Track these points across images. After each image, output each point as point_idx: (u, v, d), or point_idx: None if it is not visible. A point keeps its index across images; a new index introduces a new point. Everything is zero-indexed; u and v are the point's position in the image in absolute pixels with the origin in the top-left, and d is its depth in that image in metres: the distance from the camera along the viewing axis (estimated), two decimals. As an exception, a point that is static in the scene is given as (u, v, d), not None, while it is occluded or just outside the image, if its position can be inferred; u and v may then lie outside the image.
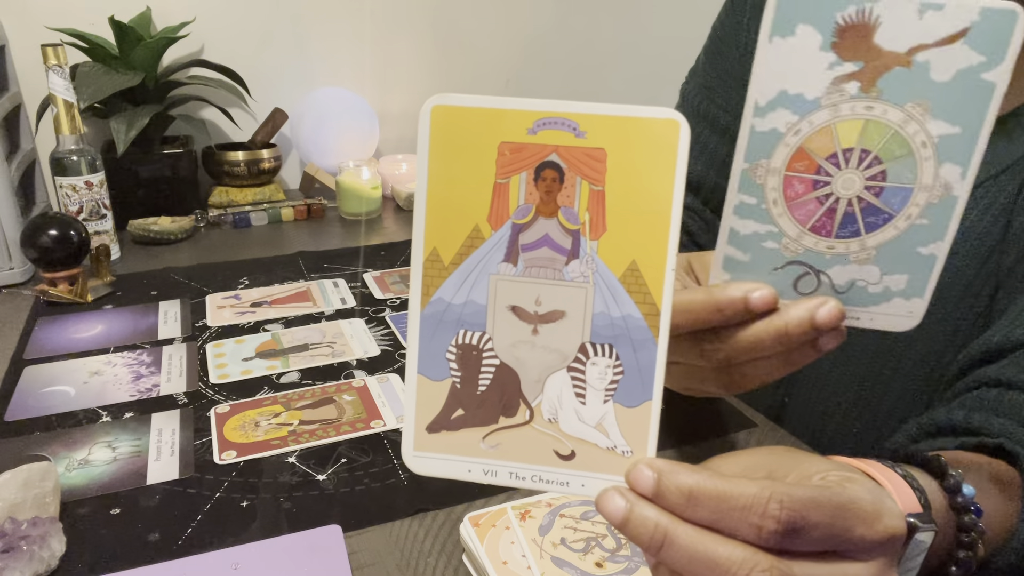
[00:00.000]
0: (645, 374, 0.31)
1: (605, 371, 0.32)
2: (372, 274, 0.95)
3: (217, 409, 0.66)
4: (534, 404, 0.32)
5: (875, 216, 0.34)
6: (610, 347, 0.32)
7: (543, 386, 0.32)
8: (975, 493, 0.38)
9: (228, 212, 1.15)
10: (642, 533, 0.28)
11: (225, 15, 1.24)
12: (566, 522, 0.49)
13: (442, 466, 0.33)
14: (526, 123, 0.31)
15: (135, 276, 0.94)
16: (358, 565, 0.49)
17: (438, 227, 0.32)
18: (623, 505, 0.29)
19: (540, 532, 0.49)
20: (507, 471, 0.33)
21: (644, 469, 0.29)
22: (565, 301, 0.32)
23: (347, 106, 1.31)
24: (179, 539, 0.51)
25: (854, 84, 0.32)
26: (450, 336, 0.33)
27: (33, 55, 0.97)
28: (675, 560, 0.28)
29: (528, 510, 0.50)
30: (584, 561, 0.46)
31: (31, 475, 0.53)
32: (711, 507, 0.28)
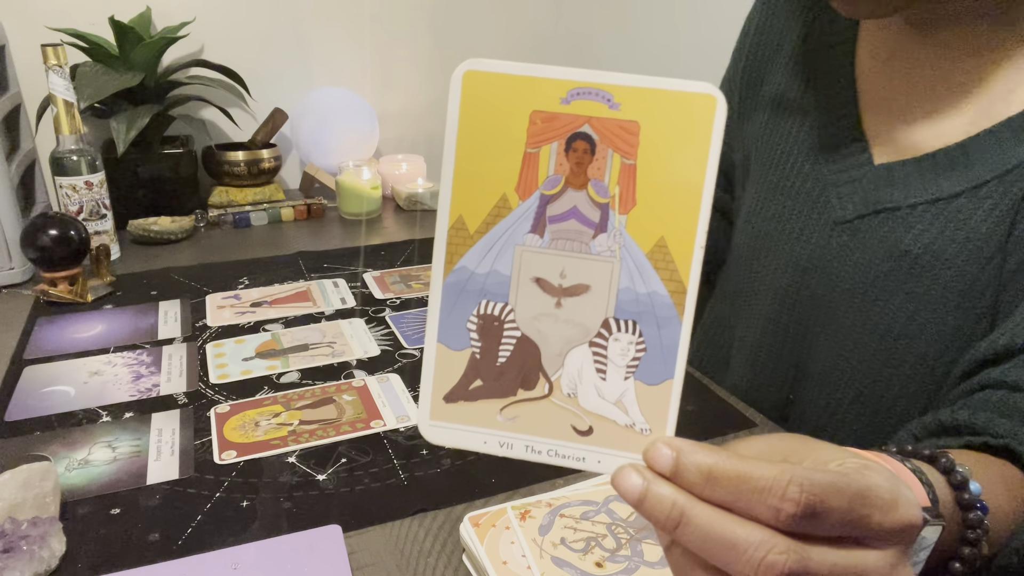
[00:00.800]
0: (668, 352, 0.31)
1: (628, 347, 0.31)
2: (372, 274, 0.95)
3: (217, 409, 0.66)
4: (554, 378, 0.32)
5: None
6: (634, 323, 0.31)
7: (564, 360, 0.32)
8: (982, 490, 0.38)
9: (228, 212, 1.15)
10: (659, 511, 0.28)
11: (225, 15, 1.24)
12: (566, 522, 0.49)
13: (458, 436, 0.33)
14: (559, 92, 0.31)
15: (135, 276, 0.94)
16: (358, 565, 0.49)
17: (465, 194, 0.32)
18: (639, 483, 0.29)
19: (540, 532, 0.49)
20: (523, 444, 0.32)
21: (662, 447, 0.29)
22: (590, 275, 0.31)
23: (347, 106, 1.31)
24: (179, 539, 0.51)
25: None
26: (472, 306, 0.32)
27: (33, 55, 0.97)
28: (691, 539, 0.28)
29: (528, 510, 0.50)
30: (584, 561, 0.46)
31: (31, 475, 0.53)
32: (730, 488, 0.28)
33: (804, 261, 0.64)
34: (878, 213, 0.58)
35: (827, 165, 0.63)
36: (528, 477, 0.57)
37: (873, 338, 0.59)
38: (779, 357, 0.68)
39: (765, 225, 0.68)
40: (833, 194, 0.62)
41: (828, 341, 0.63)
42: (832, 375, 0.63)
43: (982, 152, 0.54)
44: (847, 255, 0.60)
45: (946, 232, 0.54)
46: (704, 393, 0.70)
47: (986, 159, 0.54)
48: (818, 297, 0.63)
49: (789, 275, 0.65)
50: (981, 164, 0.54)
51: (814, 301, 0.63)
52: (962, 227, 0.54)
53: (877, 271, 0.58)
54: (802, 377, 0.66)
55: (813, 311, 0.64)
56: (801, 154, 0.65)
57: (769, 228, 0.67)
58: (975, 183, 0.54)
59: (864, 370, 0.60)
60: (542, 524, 0.49)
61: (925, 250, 0.55)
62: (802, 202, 0.64)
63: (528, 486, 0.56)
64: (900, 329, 0.57)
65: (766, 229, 0.68)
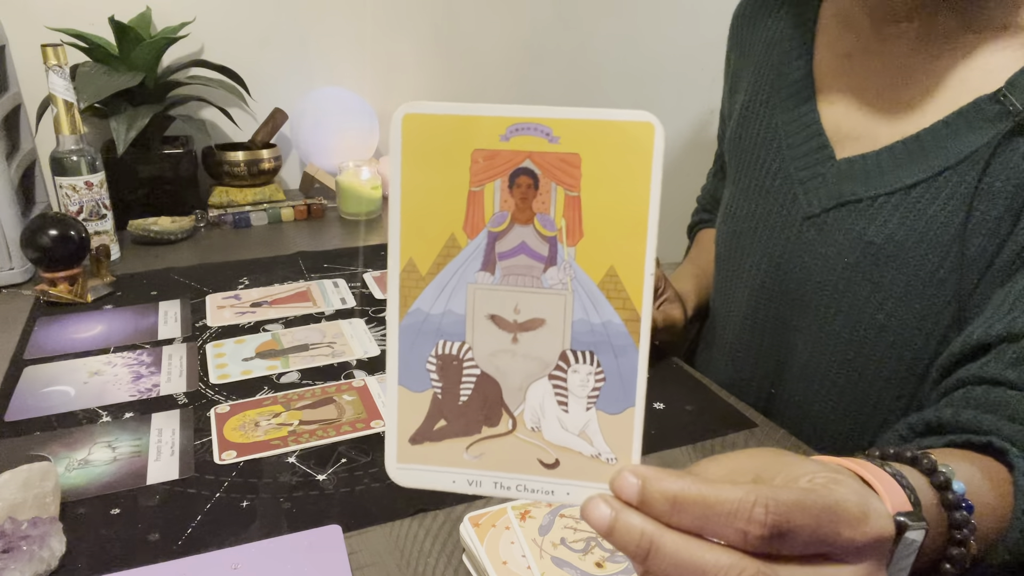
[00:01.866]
0: (627, 380, 0.31)
1: (587, 378, 0.32)
2: (372, 274, 0.95)
3: (217, 409, 0.66)
4: (516, 413, 0.32)
5: None
6: (591, 354, 0.31)
7: (525, 394, 0.32)
8: (965, 489, 0.38)
9: (228, 212, 1.15)
10: (628, 541, 0.28)
11: (225, 15, 1.24)
12: (566, 522, 0.49)
13: (426, 477, 0.33)
14: (499, 129, 0.31)
15: (135, 276, 0.94)
16: (358, 565, 0.49)
17: (414, 237, 0.32)
18: (608, 513, 0.29)
19: (540, 532, 0.49)
20: (491, 481, 0.33)
21: (628, 476, 0.29)
22: (544, 309, 0.32)
23: (347, 106, 1.31)
24: (179, 539, 0.51)
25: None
26: (429, 347, 0.33)
27: (33, 55, 0.97)
28: (661, 568, 0.28)
29: (528, 510, 0.50)
30: (584, 561, 0.46)
31: (31, 475, 0.53)
32: (696, 513, 0.28)
33: (777, 257, 0.66)
34: (842, 206, 0.60)
35: (793, 163, 0.65)
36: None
37: (845, 329, 0.61)
38: (759, 352, 0.70)
39: (739, 224, 0.70)
40: (800, 190, 0.64)
41: (804, 334, 0.65)
42: (810, 367, 0.65)
43: (937, 142, 0.56)
44: (816, 249, 0.62)
45: (906, 222, 0.56)
46: (704, 393, 0.70)
47: (941, 149, 0.55)
48: (792, 291, 0.65)
49: (763, 271, 0.67)
50: (936, 154, 0.55)
51: (788, 295, 0.65)
52: (921, 216, 0.55)
53: (844, 263, 0.60)
54: (782, 371, 0.68)
55: (788, 305, 0.66)
56: (769, 154, 0.68)
57: (743, 227, 0.70)
58: (931, 173, 0.55)
59: (839, 361, 0.62)
60: (542, 524, 0.49)
61: (888, 240, 0.57)
62: (772, 200, 0.67)
63: (528, 486, 0.56)
64: (869, 319, 0.59)
65: (740, 228, 0.70)
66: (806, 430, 0.66)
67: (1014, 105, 0.52)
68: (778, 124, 0.67)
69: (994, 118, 0.53)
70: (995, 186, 0.52)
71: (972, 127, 0.54)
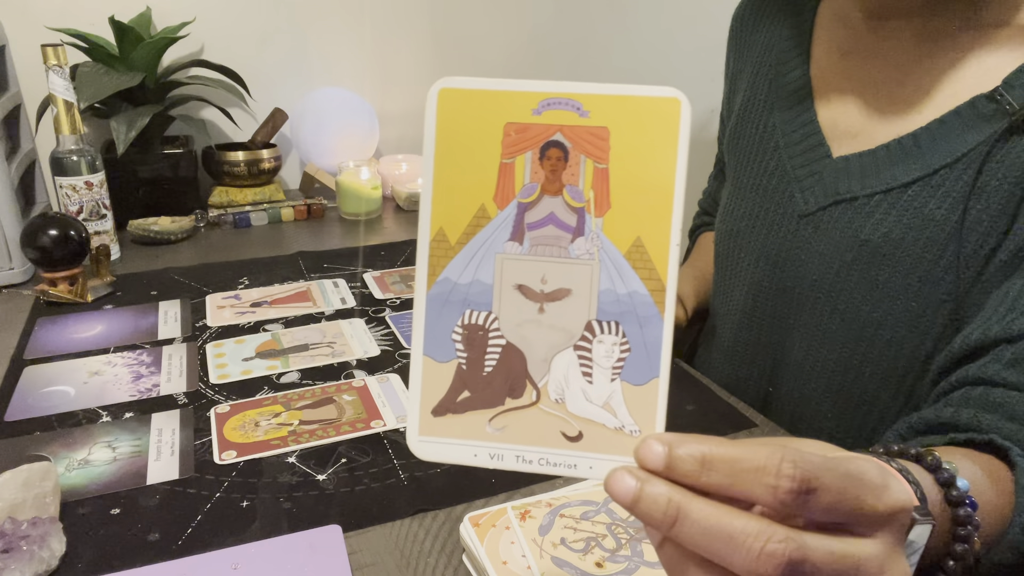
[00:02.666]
0: (652, 351, 0.31)
1: (612, 349, 0.32)
2: (372, 274, 0.95)
3: (217, 409, 0.66)
4: (541, 384, 0.32)
5: None
6: (616, 324, 0.31)
7: (550, 366, 0.32)
8: (969, 487, 0.38)
9: (228, 212, 1.15)
10: (655, 510, 0.28)
11: (225, 15, 1.24)
12: (566, 522, 0.49)
13: (448, 451, 0.33)
14: (531, 104, 0.32)
15: (135, 276, 0.94)
16: (358, 565, 0.49)
17: (445, 207, 0.33)
18: (633, 484, 0.28)
19: (540, 532, 0.49)
20: (513, 454, 0.32)
21: (653, 444, 0.29)
22: (571, 279, 0.32)
23: (347, 106, 1.31)
24: (179, 539, 0.51)
25: None
26: (456, 316, 0.33)
27: (33, 55, 0.97)
28: (688, 534, 0.27)
29: (528, 510, 0.50)
30: (584, 561, 0.46)
31: (31, 475, 0.53)
32: (725, 471, 0.27)
33: (773, 255, 0.66)
34: (838, 204, 0.60)
35: (790, 161, 0.65)
36: (528, 477, 0.57)
37: (842, 327, 0.61)
38: (756, 350, 0.70)
39: (737, 223, 0.70)
40: (796, 188, 0.64)
41: (801, 332, 0.65)
42: (807, 365, 0.65)
43: (933, 141, 0.56)
44: (812, 247, 0.62)
45: (902, 220, 0.56)
46: (704, 393, 0.70)
47: (937, 148, 0.55)
48: (788, 289, 0.65)
49: (760, 269, 0.67)
50: (932, 153, 0.55)
51: (785, 294, 0.66)
52: (917, 215, 0.56)
53: (840, 261, 0.60)
54: (779, 369, 0.68)
55: (785, 303, 0.66)
56: (766, 153, 0.68)
57: (741, 226, 0.70)
58: (927, 171, 0.55)
59: (836, 359, 0.62)
60: (542, 524, 0.49)
61: (884, 239, 0.57)
62: (769, 198, 0.67)
63: (528, 486, 0.56)
64: (865, 317, 0.59)
65: (738, 227, 0.70)
66: (802, 428, 0.66)
67: (1010, 104, 0.52)
68: (776, 123, 0.67)
69: (990, 116, 0.53)
70: (991, 184, 0.52)
71: (968, 125, 0.54)
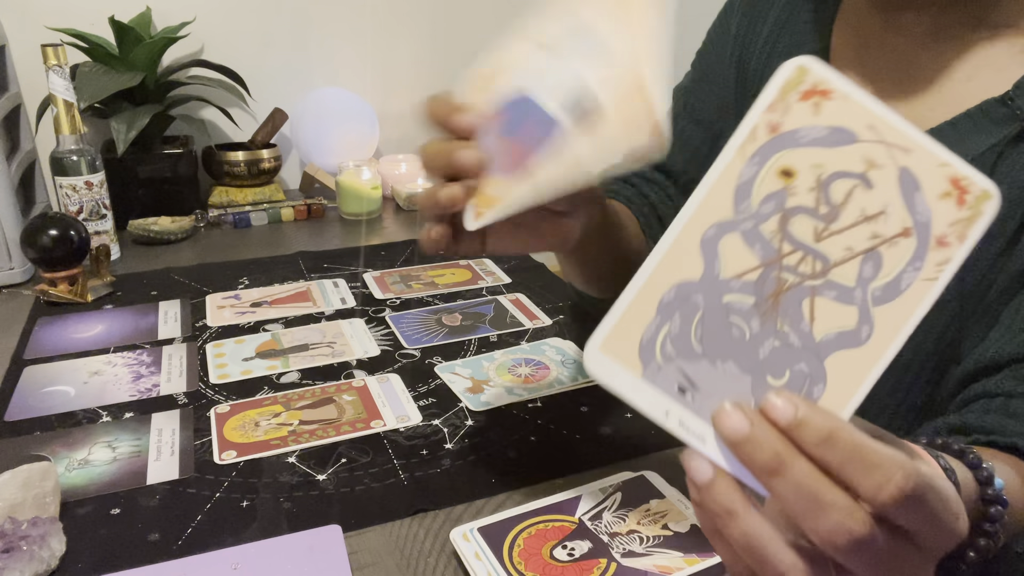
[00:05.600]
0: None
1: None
2: (372, 274, 0.95)
3: (217, 409, 0.66)
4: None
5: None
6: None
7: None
8: (1004, 486, 0.39)
9: (228, 212, 1.15)
10: (759, 456, 0.29)
11: (225, 15, 1.24)
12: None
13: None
14: None
15: (135, 276, 0.94)
16: (358, 565, 0.49)
17: None
18: (745, 424, 0.29)
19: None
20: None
21: (787, 403, 0.29)
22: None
23: (347, 106, 1.31)
24: (179, 539, 0.51)
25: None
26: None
27: (33, 55, 0.97)
28: (783, 489, 0.28)
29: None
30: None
31: (31, 475, 0.53)
32: (845, 453, 0.28)
33: None
34: None
35: None
36: (529, 477, 0.57)
37: None
38: None
39: None
40: None
41: None
42: None
43: (944, 143, 0.55)
44: None
45: None
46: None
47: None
48: None
49: None
50: None
51: None
52: None
53: None
54: None
55: None
56: None
57: None
58: None
59: None
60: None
61: None
62: None
63: (528, 487, 0.56)
64: None
65: None
66: None
67: (1021, 108, 0.52)
68: None
69: (1001, 121, 0.53)
70: (1001, 188, 0.52)
71: (979, 129, 0.54)
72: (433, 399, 0.67)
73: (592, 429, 0.63)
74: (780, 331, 0.31)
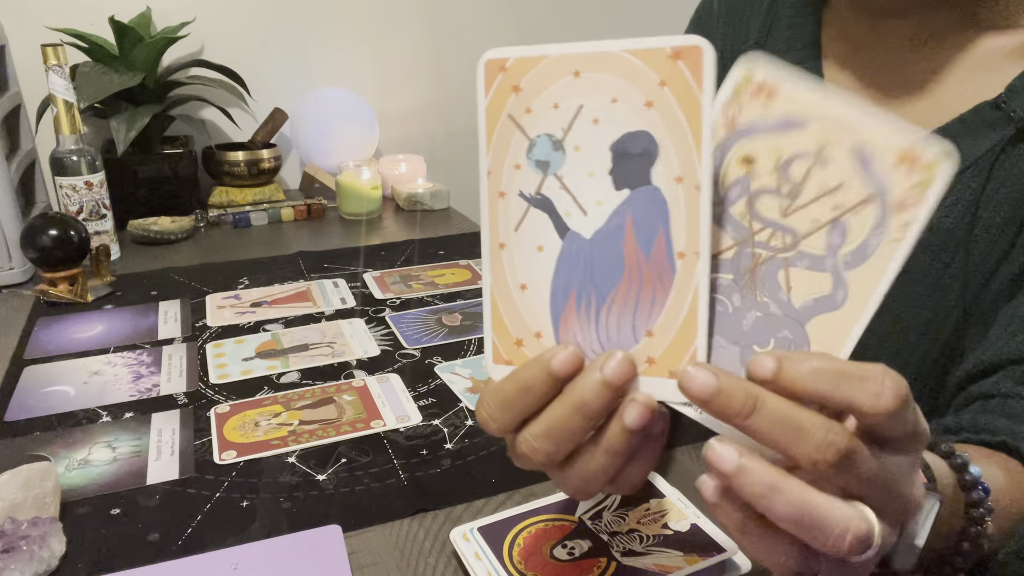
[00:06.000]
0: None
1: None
2: (372, 274, 0.95)
3: (217, 409, 0.66)
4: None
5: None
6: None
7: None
8: (982, 473, 0.39)
9: (228, 212, 1.15)
10: (733, 402, 0.29)
11: (225, 15, 1.24)
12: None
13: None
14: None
15: (135, 276, 0.94)
16: (358, 565, 0.49)
17: None
18: (711, 379, 0.30)
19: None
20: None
21: (764, 358, 0.30)
22: None
23: (347, 106, 1.31)
24: (179, 539, 0.51)
25: None
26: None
27: (33, 55, 0.97)
28: (762, 424, 0.29)
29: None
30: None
31: (31, 475, 0.53)
32: (834, 376, 0.29)
33: None
34: None
35: None
36: (529, 477, 0.57)
37: None
38: None
39: None
40: None
41: None
42: None
43: None
44: None
45: None
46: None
47: None
48: None
49: None
50: None
51: None
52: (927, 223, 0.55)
53: None
54: None
55: None
56: None
57: None
58: None
59: None
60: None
61: None
62: None
63: (528, 487, 0.56)
64: (872, 328, 0.58)
65: None
66: None
67: (1015, 111, 0.52)
68: None
69: (995, 124, 0.53)
70: (1000, 192, 0.52)
71: (973, 133, 0.54)
72: (433, 399, 0.67)
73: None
74: (760, 302, 0.33)
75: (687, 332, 0.33)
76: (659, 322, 0.33)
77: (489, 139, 0.35)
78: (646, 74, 0.32)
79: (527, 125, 0.34)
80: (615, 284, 0.34)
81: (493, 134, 0.35)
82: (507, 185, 0.35)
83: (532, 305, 0.35)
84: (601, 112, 0.33)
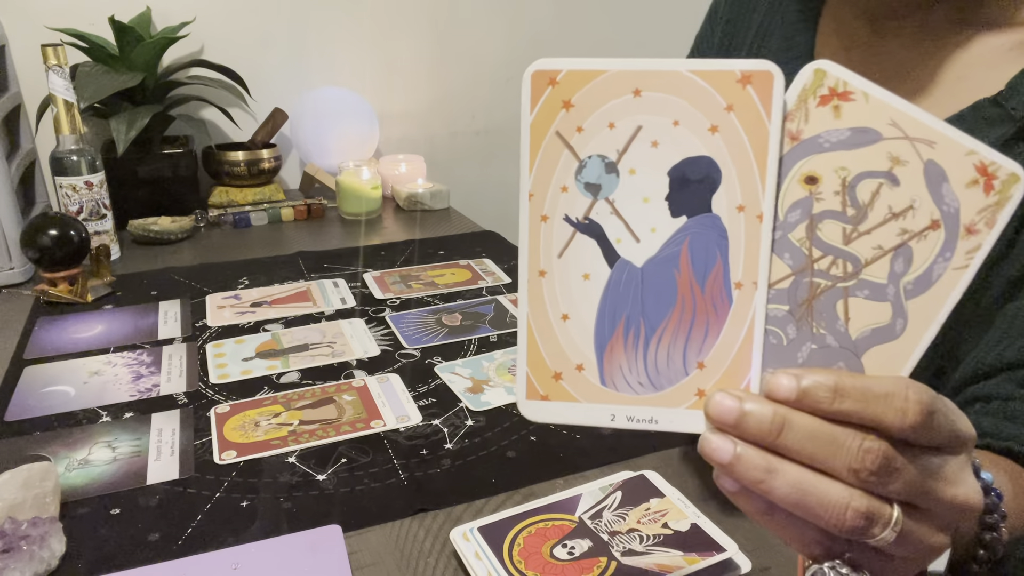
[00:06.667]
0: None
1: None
2: (372, 274, 0.95)
3: (217, 409, 0.66)
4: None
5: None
6: None
7: None
8: (993, 479, 0.39)
9: (228, 212, 1.15)
10: (762, 423, 0.29)
11: (225, 15, 1.24)
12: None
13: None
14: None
15: (135, 276, 0.94)
16: (358, 565, 0.49)
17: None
18: (735, 404, 0.30)
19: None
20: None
21: (781, 376, 0.30)
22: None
23: (347, 106, 1.31)
24: (179, 539, 0.51)
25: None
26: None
27: (33, 55, 0.97)
28: (794, 440, 0.29)
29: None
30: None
31: (31, 475, 0.53)
32: (857, 397, 0.29)
33: None
34: None
35: None
36: (529, 477, 0.57)
37: None
38: None
39: None
40: None
41: None
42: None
43: None
44: None
45: None
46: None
47: None
48: None
49: None
50: None
51: None
52: None
53: None
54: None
55: None
56: None
57: None
58: None
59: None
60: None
61: None
62: None
63: (528, 487, 0.56)
64: None
65: None
66: None
67: (1015, 108, 0.52)
68: None
69: (994, 121, 0.53)
70: None
71: (973, 130, 0.53)
72: (433, 399, 0.67)
73: (592, 428, 0.63)
74: (816, 334, 0.32)
75: (740, 364, 0.32)
76: (711, 354, 0.32)
77: (533, 158, 0.32)
78: (712, 97, 0.30)
79: (578, 144, 0.32)
80: (667, 314, 0.32)
81: (538, 153, 0.32)
82: (551, 208, 0.32)
83: (573, 336, 0.33)
84: (661, 134, 0.31)
